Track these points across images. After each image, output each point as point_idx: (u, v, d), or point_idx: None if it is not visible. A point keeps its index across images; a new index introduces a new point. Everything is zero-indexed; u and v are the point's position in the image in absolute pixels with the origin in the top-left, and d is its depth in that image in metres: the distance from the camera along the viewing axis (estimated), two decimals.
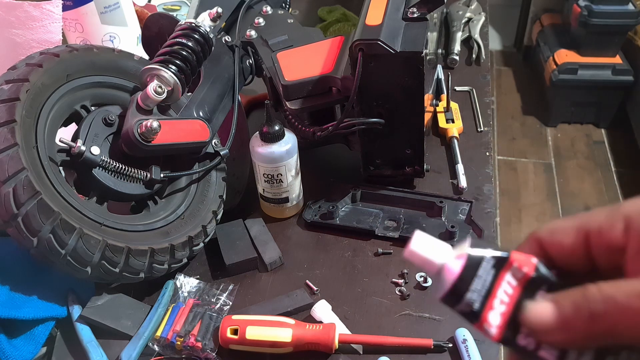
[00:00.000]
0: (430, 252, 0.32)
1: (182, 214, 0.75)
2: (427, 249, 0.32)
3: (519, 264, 0.30)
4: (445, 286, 0.30)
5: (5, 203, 0.60)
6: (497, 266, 0.30)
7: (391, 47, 0.71)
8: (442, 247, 0.32)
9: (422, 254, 0.32)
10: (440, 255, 0.31)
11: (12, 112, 0.62)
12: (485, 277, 0.30)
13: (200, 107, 0.78)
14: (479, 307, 0.30)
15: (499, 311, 0.30)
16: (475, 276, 0.30)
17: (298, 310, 0.71)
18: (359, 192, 0.84)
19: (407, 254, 0.32)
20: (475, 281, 0.30)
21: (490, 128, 1.00)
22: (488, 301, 0.30)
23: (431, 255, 0.31)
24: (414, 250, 0.32)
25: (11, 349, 0.64)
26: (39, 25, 0.80)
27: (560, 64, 2.34)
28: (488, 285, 0.30)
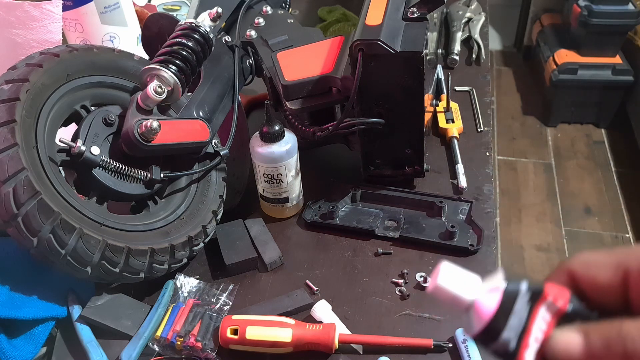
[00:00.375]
0: (459, 288, 0.29)
1: (182, 214, 0.75)
2: (456, 283, 0.29)
3: (554, 298, 0.28)
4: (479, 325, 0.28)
5: (5, 203, 0.60)
6: (532, 300, 0.28)
7: (391, 47, 0.71)
8: (471, 280, 0.29)
9: (450, 290, 0.29)
10: (470, 290, 0.29)
11: (12, 112, 0.62)
12: (521, 314, 0.28)
13: (200, 107, 0.78)
14: (515, 346, 0.28)
15: (534, 349, 0.28)
16: (511, 313, 0.28)
17: (298, 310, 0.71)
18: (359, 192, 0.84)
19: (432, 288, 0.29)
20: (512, 318, 0.28)
21: (490, 128, 1.00)
22: (524, 339, 0.28)
23: (460, 291, 0.29)
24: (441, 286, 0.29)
25: (11, 349, 0.64)
26: (39, 25, 0.80)
27: (560, 64, 2.34)
28: (524, 322, 0.28)
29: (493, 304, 0.28)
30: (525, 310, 0.28)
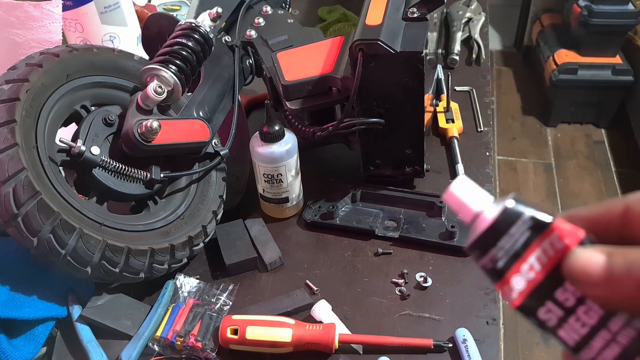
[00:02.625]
0: (469, 198, 0.29)
1: (182, 214, 0.75)
2: (468, 193, 0.29)
3: (562, 234, 0.27)
4: (474, 235, 0.28)
5: (5, 203, 0.60)
6: (535, 229, 0.27)
7: (391, 47, 0.71)
8: (483, 196, 0.29)
9: (460, 198, 0.30)
10: (479, 202, 0.29)
11: (12, 112, 0.62)
12: (517, 237, 0.28)
13: (200, 107, 0.78)
14: (504, 266, 0.28)
15: (526, 277, 0.27)
16: (506, 232, 0.28)
17: (298, 310, 0.71)
18: (359, 192, 0.84)
19: (445, 196, 0.30)
20: (505, 238, 0.28)
21: (490, 128, 1.00)
22: (516, 263, 0.28)
23: (470, 201, 0.29)
24: (453, 193, 0.30)
25: (11, 349, 0.64)
26: (39, 25, 0.80)
27: (560, 64, 2.34)
28: (519, 247, 0.27)
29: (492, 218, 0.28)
30: (525, 236, 0.28)
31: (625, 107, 2.41)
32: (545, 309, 0.27)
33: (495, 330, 0.67)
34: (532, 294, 0.27)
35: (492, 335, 0.66)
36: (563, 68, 2.33)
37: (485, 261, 0.28)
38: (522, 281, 0.28)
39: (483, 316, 0.68)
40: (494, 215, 0.28)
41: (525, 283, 0.27)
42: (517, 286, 0.28)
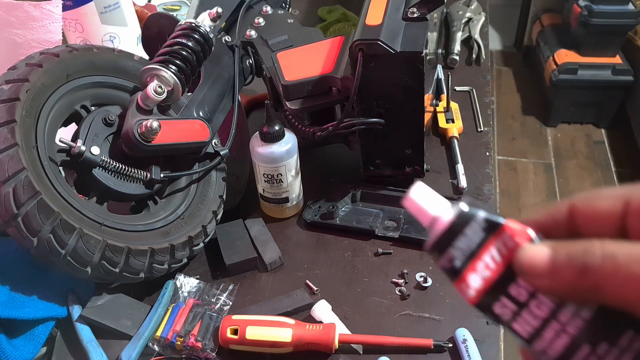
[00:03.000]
0: (427, 203, 0.31)
1: (182, 214, 0.75)
2: (426, 199, 0.31)
3: (512, 233, 0.29)
4: (433, 238, 0.30)
5: (5, 203, 0.60)
6: (487, 230, 0.29)
7: (391, 47, 0.71)
8: (440, 201, 0.31)
9: (419, 204, 0.31)
10: (436, 207, 0.31)
11: (12, 112, 0.62)
12: (472, 237, 0.29)
13: (200, 107, 0.78)
14: (460, 265, 0.30)
15: (481, 275, 0.29)
16: (461, 233, 0.30)
17: (298, 310, 0.71)
18: (359, 192, 0.84)
19: (405, 202, 0.32)
20: (461, 239, 0.30)
21: (490, 128, 1.00)
22: (471, 262, 0.29)
23: (427, 206, 0.31)
24: (412, 199, 0.32)
25: (11, 349, 0.64)
26: (39, 25, 0.80)
27: (560, 64, 2.34)
28: (474, 247, 0.29)
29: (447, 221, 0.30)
30: (479, 236, 0.29)
31: (625, 107, 2.41)
32: (500, 304, 0.29)
33: (495, 330, 0.67)
34: (488, 291, 0.29)
35: (492, 335, 0.66)
36: (563, 68, 2.33)
37: (444, 261, 0.30)
38: (478, 279, 0.29)
39: (483, 316, 0.68)
40: (449, 218, 0.30)
41: (481, 281, 0.29)
42: (473, 284, 0.29)
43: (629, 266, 0.24)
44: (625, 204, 0.27)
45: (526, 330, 0.28)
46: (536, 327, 0.28)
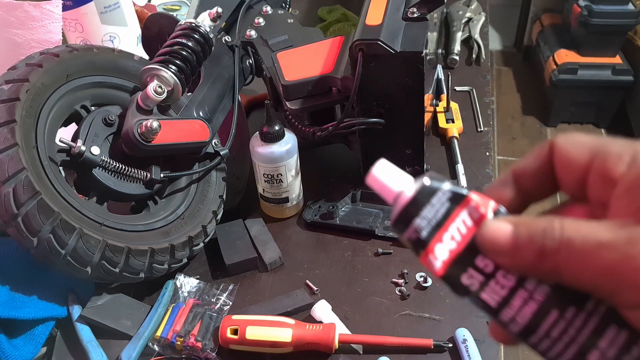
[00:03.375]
0: (390, 180, 0.31)
1: (182, 214, 0.75)
2: (389, 176, 0.31)
3: (477, 204, 0.29)
4: (397, 210, 0.30)
5: (5, 203, 0.60)
6: (453, 200, 0.29)
7: (391, 47, 0.71)
8: (403, 177, 0.31)
9: (382, 180, 0.31)
10: (399, 183, 0.31)
11: (12, 112, 0.62)
12: (438, 208, 0.29)
13: (200, 107, 0.78)
14: (427, 236, 0.29)
15: (447, 246, 0.29)
16: (427, 203, 0.29)
17: (298, 310, 0.71)
18: (359, 192, 0.84)
19: (368, 179, 0.32)
20: (427, 208, 0.29)
21: (490, 128, 1.00)
22: (438, 233, 0.29)
23: (390, 183, 0.31)
24: (375, 176, 0.31)
25: (11, 349, 0.64)
26: (39, 25, 0.80)
27: (560, 64, 2.34)
28: (440, 217, 0.29)
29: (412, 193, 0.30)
30: (444, 207, 0.29)
31: (625, 107, 2.41)
32: (468, 275, 0.29)
33: None
34: (455, 262, 0.29)
35: None
36: (563, 68, 2.33)
37: (410, 232, 0.29)
38: (445, 250, 0.29)
39: (483, 316, 0.68)
40: (414, 190, 0.30)
41: (447, 252, 0.29)
42: (440, 255, 0.29)
43: (585, 251, 0.24)
44: (590, 159, 0.26)
45: (494, 300, 0.28)
46: (504, 296, 0.28)
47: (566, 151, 0.27)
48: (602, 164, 0.26)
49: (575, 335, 0.26)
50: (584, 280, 0.25)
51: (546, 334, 0.27)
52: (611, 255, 0.23)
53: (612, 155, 0.25)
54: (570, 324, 0.26)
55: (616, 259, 0.23)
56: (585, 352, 0.26)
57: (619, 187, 0.25)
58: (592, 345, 0.26)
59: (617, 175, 0.25)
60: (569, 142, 0.27)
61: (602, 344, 0.26)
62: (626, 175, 0.24)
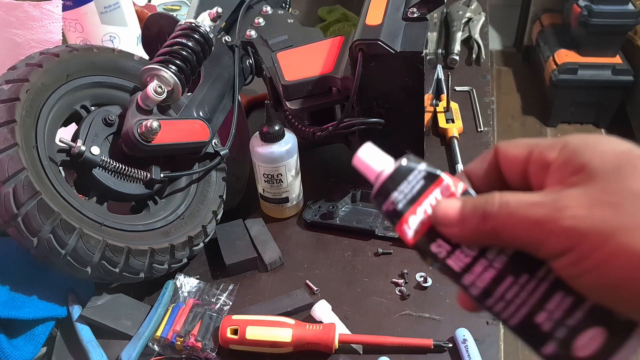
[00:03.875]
0: (373, 161, 0.35)
1: (182, 214, 0.75)
2: (372, 158, 0.35)
3: (448, 184, 0.33)
4: (377, 186, 0.34)
5: (5, 203, 0.60)
6: (427, 179, 0.33)
7: (391, 47, 0.71)
8: (385, 158, 0.35)
9: (366, 161, 0.35)
10: (381, 164, 0.35)
11: (12, 112, 0.62)
12: (413, 184, 0.33)
13: (200, 107, 0.78)
14: (402, 208, 0.33)
15: (420, 218, 0.33)
16: (404, 180, 0.33)
17: (298, 310, 0.71)
18: (359, 192, 0.84)
19: (354, 161, 0.36)
20: (404, 184, 0.33)
21: (490, 128, 1.00)
22: (412, 206, 0.33)
23: (373, 163, 0.35)
24: (360, 158, 0.36)
25: (11, 349, 0.64)
26: (39, 25, 0.80)
27: (560, 64, 2.34)
28: (415, 193, 0.33)
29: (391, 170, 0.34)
30: (419, 185, 0.33)
31: (625, 107, 2.41)
32: (436, 244, 0.32)
33: (495, 330, 0.67)
34: (425, 233, 0.33)
35: (492, 335, 0.66)
36: (563, 68, 2.33)
37: (388, 204, 0.33)
38: (417, 222, 0.33)
39: (483, 316, 0.68)
40: (393, 168, 0.34)
41: (419, 224, 0.33)
42: (413, 226, 0.33)
43: (518, 210, 0.29)
44: (529, 153, 0.31)
45: (459, 265, 0.32)
46: (467, 263, 0.32)
47: (508, 151, 0.32)
48: (539, 154, 0.30)
49: (526, 298, 0.30)
50: (517, 235, 0.29)
51: (501, 297, 0.31)
52: (539, 211, 0.28)
53: (547, 147, 0.30)
54: (522, 289, 0.30)
55: (543, 213, 0.28)
56: (534, 313, 0.30)
57: (552, 167, 0.30)
58: (540, 307, 0.29)
59: (550, 160, 0.30)
60: (510, 144, 0.33)
61: (549, 307, 0.29)
62: (557, 158, 0.29)
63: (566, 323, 0.29)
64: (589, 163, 0.28)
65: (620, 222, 0.26)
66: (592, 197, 0.27)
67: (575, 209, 0.27)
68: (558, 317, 0.29)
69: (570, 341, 0.29)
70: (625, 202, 0.26)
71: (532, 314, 0.30)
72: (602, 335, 0.28)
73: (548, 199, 0.28)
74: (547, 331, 0.29)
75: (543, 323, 0.29)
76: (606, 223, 0.26)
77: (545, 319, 0.29)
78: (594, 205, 0.27)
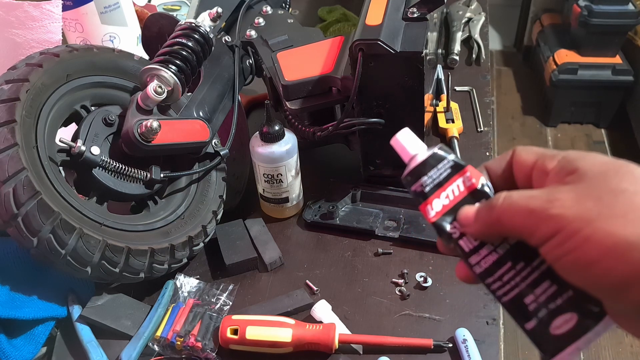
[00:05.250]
0: (409, 144, 0.40)
1: (182, 214, 0.75)
2: (408, 141, 0.40)
3: (471, 175, 0.38)
4: (410, 167, 0.39)
5: (5, 203, 0.60)
6: (453, 168, 0.39)
7: (391, 47, 0.71)
8: (420, 144, 0.40)
9: (403, 143, 0.40)
10: (416, 148, 0.40)
11: (12, 112, 0.62)
12: (441, 172, 0.39)
13: (200, 107, 0.78)
14: (429, 191, 0.39)
15: (442, 202, 0.39)
16: (434, 167, 0.39)
17: (298, 310, 0.71)
18: (359, 192, 0.84)
19: (392, 141, 0.41)
20: (433, 171, 0.39)
21: (490, 128, 1.00)
22: (437, 190, 0.39)
23: (409, 146, 0.40)
24: (397, 139, 0.41)
25: (11, 349, 0.64)
26: (39, 25, 0.80)
27: (560, 64, 2.34)
28: (441, 179, 0.39)
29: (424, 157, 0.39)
30: (446, 172, 0.39)
31: (625, 107, 2.41)
32: (452, 225, 0.38)
33: (495, 330, 0.67)
34: (445, 214, 0.38)
35: (492, 335, 0.66)
36: (563, 68, 2.32)
37: (417, 186, 0.39)
38: (440, 204, 0.39)
39: (483, 316, 0.68)
40: (426, 155, 0.39)
41: (441, 206, 0.39)
42: (435, 207, 0.39)
43: (518, 201, 0.34)
44: (535, 161, 0.36)
45: (468, 247, 0.38)
46: (475, 245, 0.37)
47: (520, 155, 0.38)
48: (541, 163, 0.36)
49: (520, 281, 0.36)
50: (515, 222, 0.34)
51: (499, 277, 0.37)
52: (535, 202, 0.33)
53: (548, 157, 0.36)
54: (518, 274, 0.36)
55: (538, 204, 0.33)
56: (524, 295, 0.36)
57: (550, 174, 0.35)
58: (530, 291, 0.36)
59: (549, 169, 0.35)
60: (524, 150, 0.38)
61: (537, 291, 0.35)
62: (555, 166, 0.35)
63: (548, 306, 0.35)
64: (581, 167, 0.33)
65: (599, 212, 0.31)
66: (580, 192, 0.32)
67: (564, 200, 0.32)
68: (542, 300, 0.35)
69: (549, 321, 0.35)
70: (606, 196, 0.31)
71: (522, 295, 0.36)
72: (574, 319, 0.34)
73: (543, 193, 0.33)
74: (532, 310, 0.35)
75: (530, 304, 0.35)
76: (588, 212, 0.31)
77: (532, 301, 0.35)
78: (581, 198, 0.32)
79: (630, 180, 0.32)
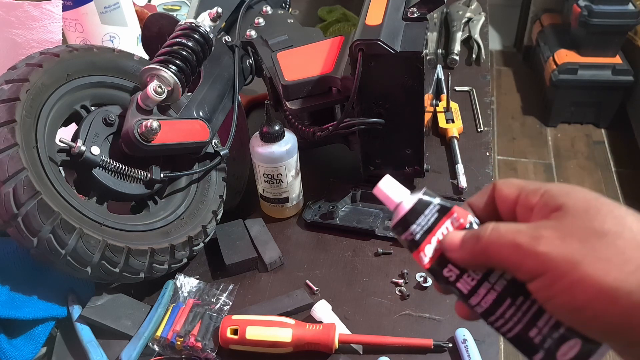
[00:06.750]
0: (392, 192, 0.40)
1: (182, 214, 0.75)
2: (391, 189, 0.40)
3: (458, 215, 0.38)
4: (397, 217, 0.39)
5: (5, 203, 0.60)
6: (440, 212, 0.39)
7: (391, 47, 0.71)
8: (402, 190, 0.40)
9: (386, 192, 0.40)
10: (400, 195, 0.40)
11: (12, 112, 0.62)
12: (429, 217, 0.39)
13: (200, 107, 0.78)
14: (419, 238, 0.39)
15: (433, 247, 0.38)
16: (421, 214, 0.39)
17: (298, 310, 0.71)
18: (359, 192, 0.84)
19: (374, 190, 0.41)
20: (421, 218, 0.39)
21: (490, 128, 1.00)
22: (428, 236, 0.38)
23: (392, 195, 0.40)
24: (380, 189, 0.41)
25: (11, 349, 0.64)
26: (39, 25, 0.80)
27: (560, 64, 2.34)
28: (430, 224, 0.38)
29: (410, 205, 0.39)
30: (434, 217, 0.39)
31: (625, 107, 2.41)
32: (447, 269, 0.38)
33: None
34: (438, 259, 0.38)
35: (492, 335, 0.66)
36: (563, 68, 2.33)
37: (407, 235, 0.39)
38: (432, 249, 0.38)
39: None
40: (412, 202, 0.39)
41: (433, 251, 0.38)
42: (428, 253, 0.38)
43: (505, 235, 0.34)
44: (517, 195, 0.37)
45: (466, 288, 0.37)
46: (473, 286, 0.37)
47: (501, 189, 0.38)
48: (525, 198, 0.36)
49: (522, 316, 0.36)
50: (502, 256, 0.34)
51: (501, 315, 0.36)
52: (521, 237, 0.33)
53: (531, 192, 0.36)
54: (518, 309, 0.36)
55: (525, 240, 0.33)
56: (527, 329, 0.35)
57: (534, 210, 0.35)
58: (533, 324, 0.35)
59: (533, 204, 0.35)
60: (504, 184, 0.38)
61: (540, 324, 0.35)
62: (539, 202, 0.35)
63: (552, 336, 0.35)
64: (564, 204, 0.34)
65: (584, 255, 0.31)
66: (564, 231, 0.32)
67: (549, 238, 0.33)
68: (546, 331, 0.35)
69: (555, 350, 0.35)
70: (590, 239, 0.32)
71: (526, 330, 0.35)
72: (578, 344, 0.34)
73: (530, 228, 0.34)
74: (537, 343, 0.35)
75: (534, 337, 0.35)
76: (573, 254, 0.32)
77: (536, 334, 0.35)
78: (567, 237, 0.32)
79: (612, 222, 0.32)
